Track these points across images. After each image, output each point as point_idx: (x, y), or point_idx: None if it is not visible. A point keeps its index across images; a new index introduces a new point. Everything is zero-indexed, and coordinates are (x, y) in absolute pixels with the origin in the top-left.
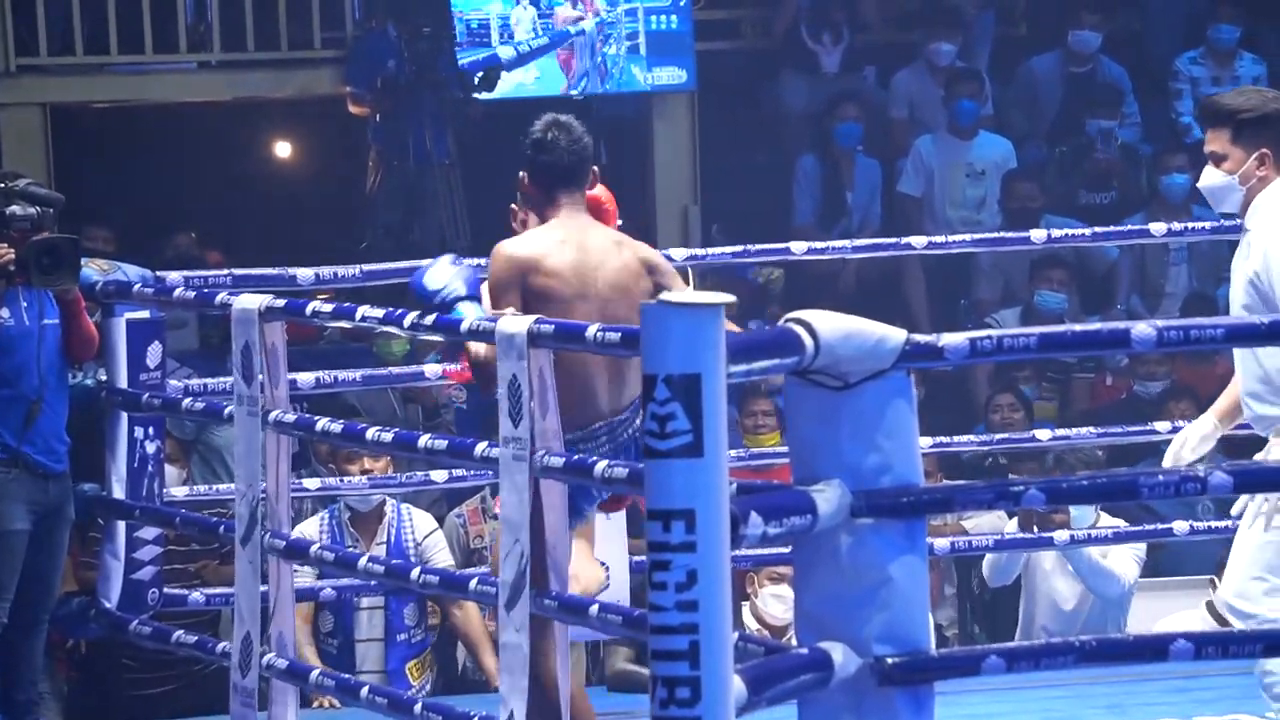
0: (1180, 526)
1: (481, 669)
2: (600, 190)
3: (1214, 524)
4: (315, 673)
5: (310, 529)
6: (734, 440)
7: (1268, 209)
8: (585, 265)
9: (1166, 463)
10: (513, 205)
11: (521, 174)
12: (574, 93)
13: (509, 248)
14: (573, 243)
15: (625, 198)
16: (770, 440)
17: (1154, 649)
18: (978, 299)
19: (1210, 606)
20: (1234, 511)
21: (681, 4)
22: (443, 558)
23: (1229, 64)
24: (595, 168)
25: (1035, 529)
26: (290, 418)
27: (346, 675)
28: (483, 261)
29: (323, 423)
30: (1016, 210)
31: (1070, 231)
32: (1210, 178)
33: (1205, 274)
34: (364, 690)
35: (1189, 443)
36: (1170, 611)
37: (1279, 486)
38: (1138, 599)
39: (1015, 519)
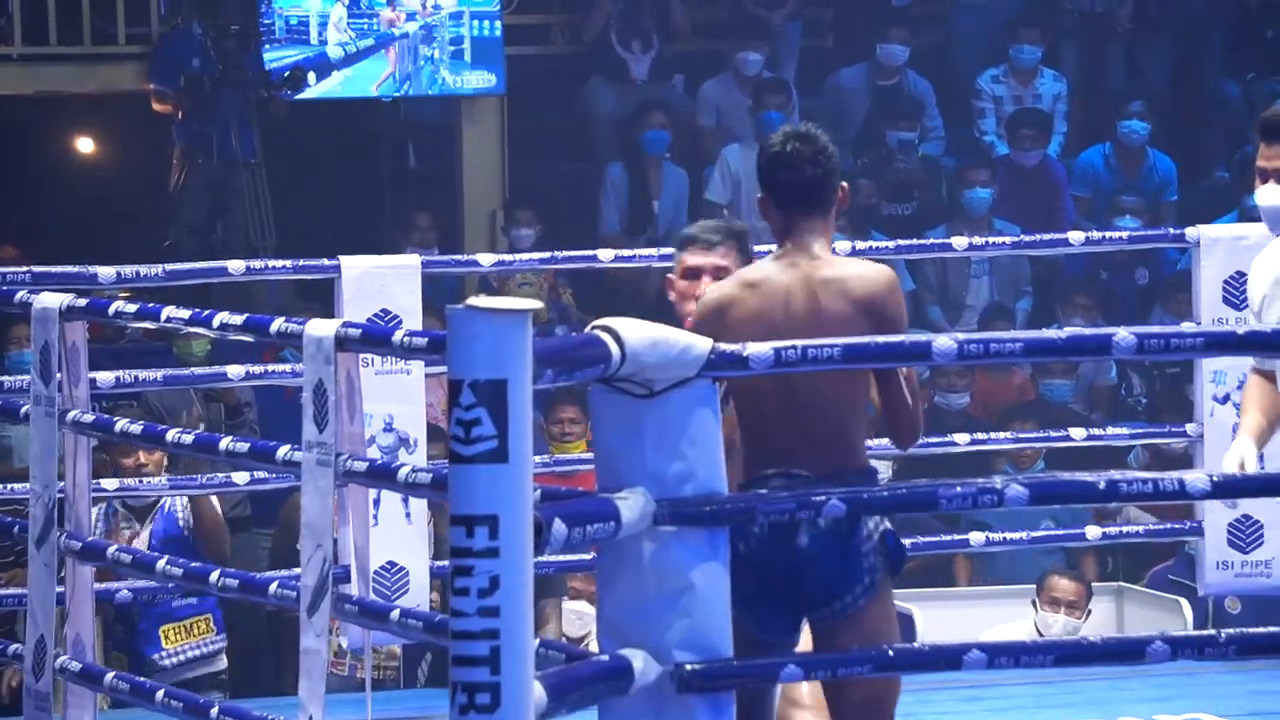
0: (976, 537)
1: None
2: None
3: (1009, 535)
4: (110, 675)
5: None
6: (541, 447)
7: None
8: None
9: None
10: (667, 275)
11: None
12: (384, 95)
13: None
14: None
15: (434, 202)
16: (577, 448)
17: (948, 659)
18: None
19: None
20: None
21: (493, 9)
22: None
23: (1030, 82)
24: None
25: None
26: (89, 418)
27: (143, 679)
28: None
29: (122, 423)
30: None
31: (875, 244)
32: (1274, 196)
33: (1005, 287)
34: (159, 694)
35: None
36: (997, 620)
37: (1075, 500)
38: (963, 608)
39: None
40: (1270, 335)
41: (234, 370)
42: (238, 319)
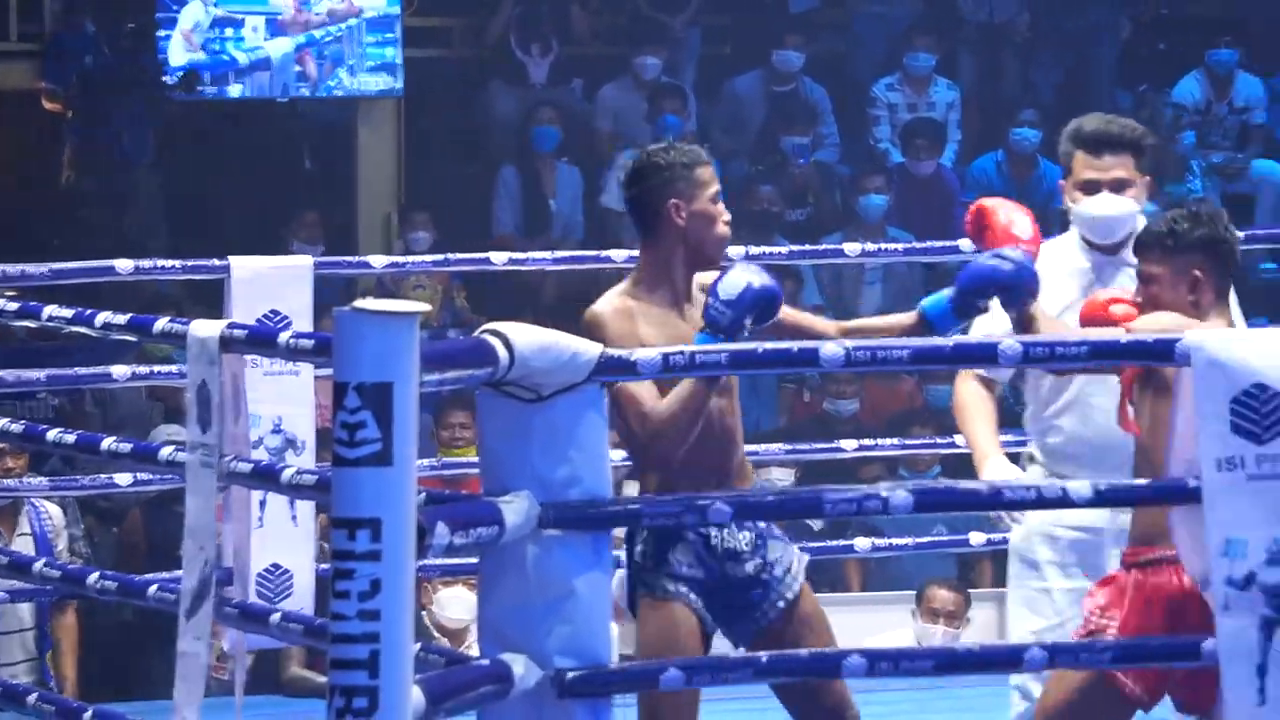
0: (862, 543)
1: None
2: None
3: (895, 541)
4: None
5: None
6: (431, 451)
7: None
8: None
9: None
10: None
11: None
12: (280, 96)
13: None
14: None
15: (329, 204)
16: (466, 453)
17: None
18: None
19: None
20: None
21: (393, 11)
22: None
23: (924, 91)
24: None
25: None
26: None
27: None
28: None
29: (2, 422)
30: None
31: (768, 249)
32: (1121, 205)
33: (898, 295)
34: (31, 697)
35: None
36: (889, 626)
37: (960, 507)
38: (854, 614)
39: None
40: (1153, 345)
41: (119, 370)
42: (121, 319)
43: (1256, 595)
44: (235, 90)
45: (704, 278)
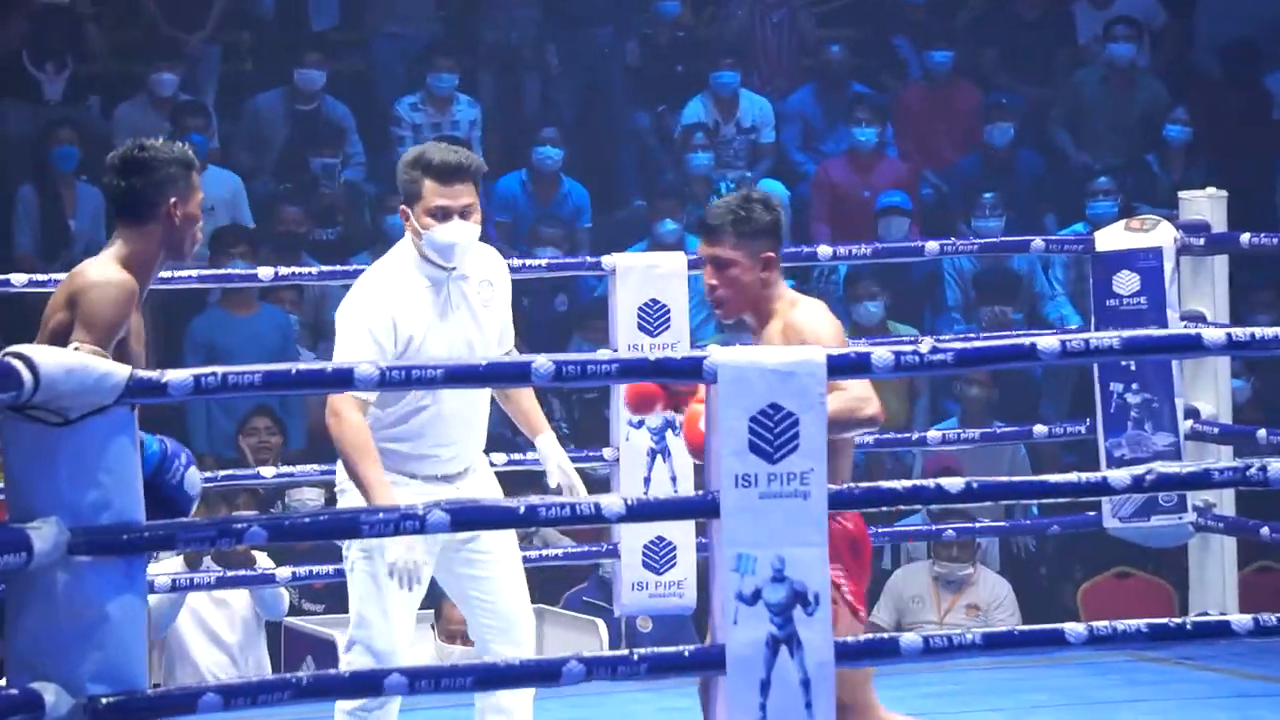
0: None
1: None
2: None
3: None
4: None
5: None
6: None
7: (483, 254)
8: None
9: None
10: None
11: None
12: None
13: None
14: None
15: None
16: None
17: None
18: None
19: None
20: None
21: None
22: None
23: (447, 109)
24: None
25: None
26: None
27: None
28: None
29: None
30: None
31: (298, 270)
32: (472, 233)
33: None
34: None
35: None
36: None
37: (495, 524)
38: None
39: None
40: (681, 362)
41: None
42: None
43: (762, 611)
44: None
45: None
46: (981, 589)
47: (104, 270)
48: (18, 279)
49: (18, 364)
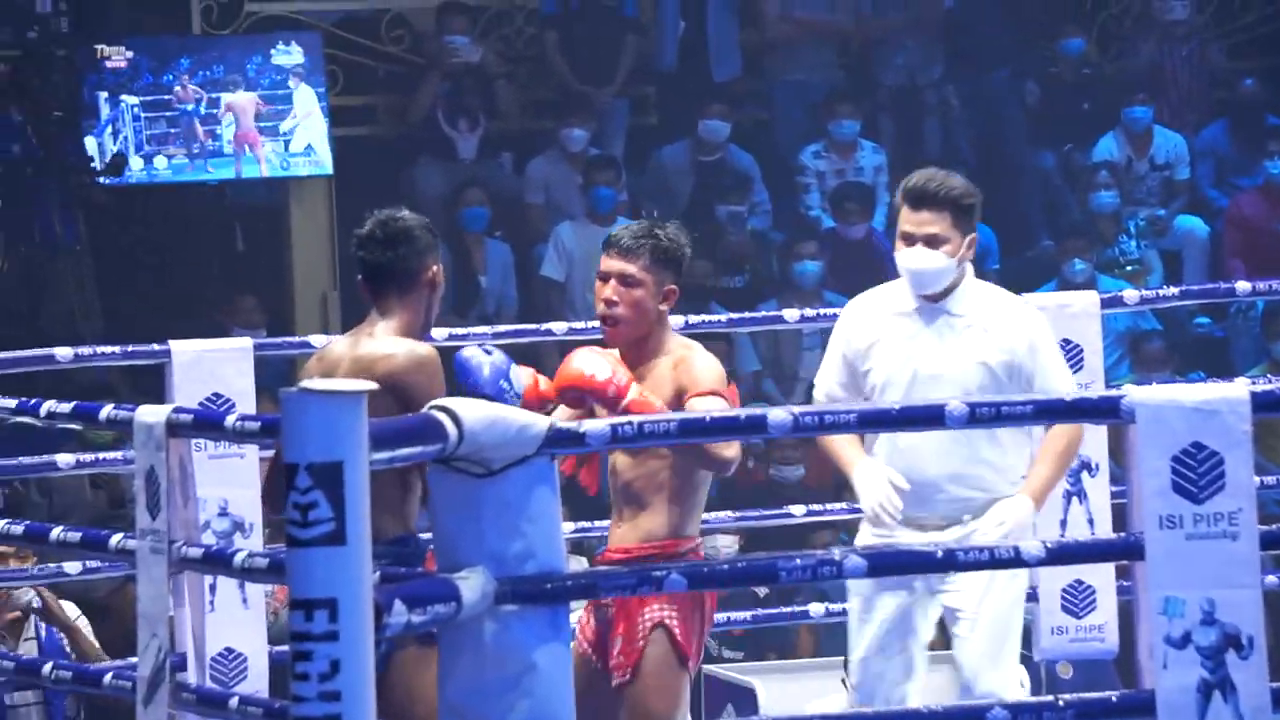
0: (816, 609)
1: None
2: None
3: (848, 605)
4: None
5: None
6: None
7: (990, 295)
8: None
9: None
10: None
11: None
12: (209, 180)
13: None
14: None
15: (263, 285)
16: None
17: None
18: None
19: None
20: None
21: (319, 90)
22: (93, 639)
23: (850, 155)
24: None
25: None
26: None
27: None
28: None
29: None
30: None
31: (707, 318)
32: (931, 260)
33: None
34: None
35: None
36: (808, 695)
37: (912, 569)
38: (805, 680)
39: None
40: (1097, 402)
41: (63, 459)
42: (66, 407)
43: (1193, 655)
44: (163, 174)
45: None
46: None
47: (410, 348)
48: (439, 333)
49: (443, 418)
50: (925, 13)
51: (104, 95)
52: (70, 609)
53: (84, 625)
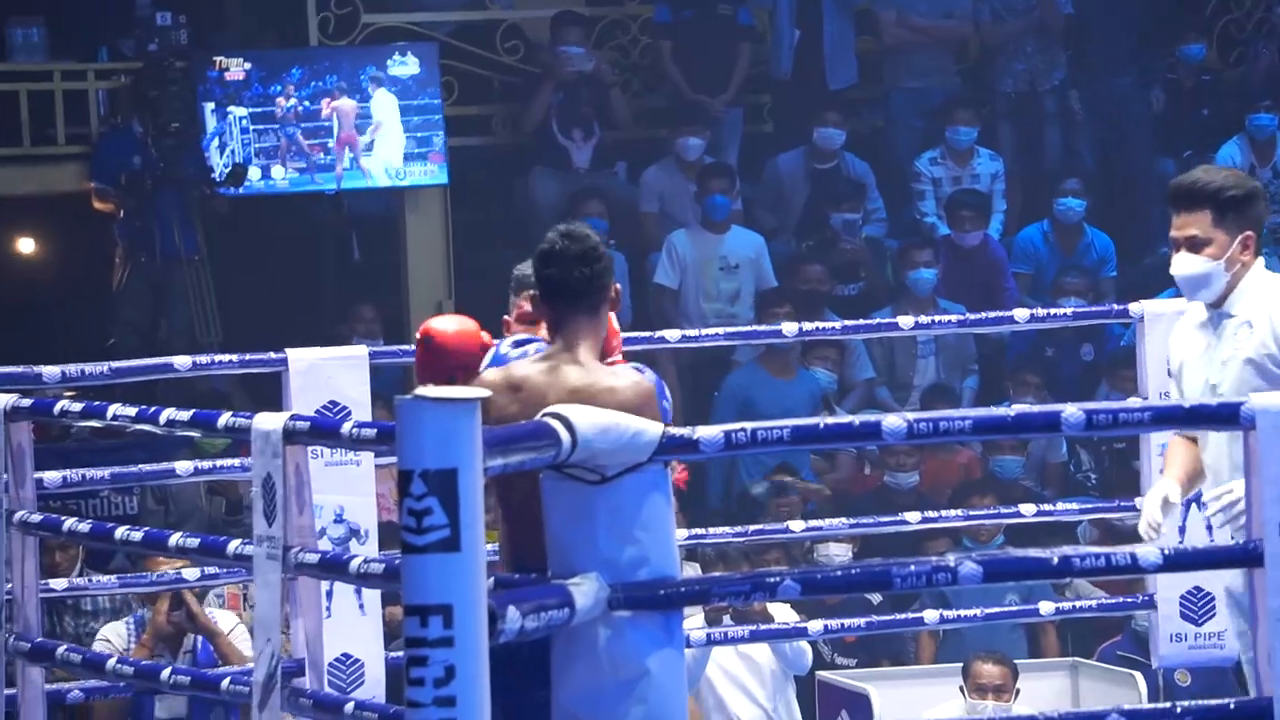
0: (931, 615)
1: None
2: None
3: (964, 612)
4: None
5: (113, 633)
6: None
7: (1268, 289)
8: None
9: (1141, 528)
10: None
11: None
12: (326, 189)
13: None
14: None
15: (379, 293)
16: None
17: None
18: None
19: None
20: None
21: (434, 100)
22: (246, 650)
23: (967, 163)
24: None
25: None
26: (36, 518)
27: None
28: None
29: (69, 522)
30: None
31: (822, 325)
32: (1191, 265)
33: (951, 366)
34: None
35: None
36: (924, 701)
37: (1028, 576)
38: (921, 687)
39: (703, 614)
40: (1216, 409)
41: (182, 466)
42: (184, 415)
43: None
44: (280, 184)
45: None
46: None
47: (635, 381)
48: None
49: (556, 424)
50: (1045, 18)
51: (210, 106)
52: (226, 619)
53: (239, 634)
